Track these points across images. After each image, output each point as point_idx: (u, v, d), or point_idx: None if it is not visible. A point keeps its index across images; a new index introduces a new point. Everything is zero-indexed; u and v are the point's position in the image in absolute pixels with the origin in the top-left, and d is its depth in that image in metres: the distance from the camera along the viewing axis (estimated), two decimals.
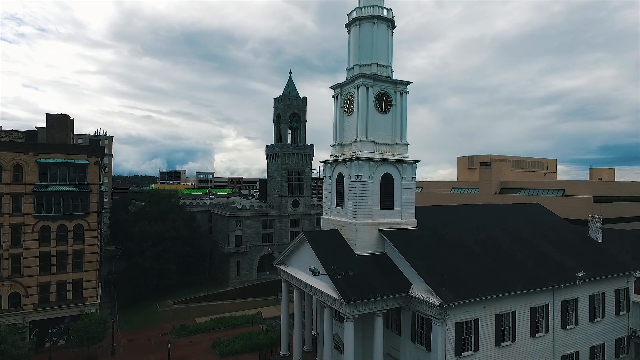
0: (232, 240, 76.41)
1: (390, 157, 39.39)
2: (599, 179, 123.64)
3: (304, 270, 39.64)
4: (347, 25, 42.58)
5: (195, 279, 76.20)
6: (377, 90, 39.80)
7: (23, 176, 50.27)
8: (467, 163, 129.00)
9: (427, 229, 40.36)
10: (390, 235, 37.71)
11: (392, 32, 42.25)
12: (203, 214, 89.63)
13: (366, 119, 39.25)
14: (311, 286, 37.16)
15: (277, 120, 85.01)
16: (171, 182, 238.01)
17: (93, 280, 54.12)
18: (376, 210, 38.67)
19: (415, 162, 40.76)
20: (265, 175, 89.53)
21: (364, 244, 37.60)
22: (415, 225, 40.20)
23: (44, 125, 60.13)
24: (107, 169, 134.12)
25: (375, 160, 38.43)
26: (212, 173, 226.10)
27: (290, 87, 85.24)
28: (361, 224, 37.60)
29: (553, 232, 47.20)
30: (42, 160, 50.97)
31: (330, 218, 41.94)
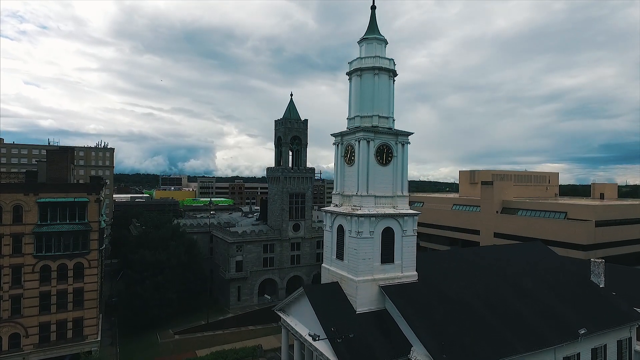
0: (233, 266, 76.31)
1: (392, 212, 39.12)
2: (602, 195, 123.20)
3: (304, 323, 39.56)
4: (349, 74, 42.22)
5: (196, 303, 76.13)
6: (378, 143, 39.51)
7: (23, 216, 50.11)
8: (468, 177, 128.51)
9: (427, 281, 40.15)
10: (390, 291, 37.52)
11: (394, 81, 41.89)
12: (204, 234, 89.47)
13: (367, 173, 39.00)
14: (310, 343, 37.00)
15: (278, 142, 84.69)
16: (172, 188, 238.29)
17: (93, 317, 54.05)
18: (377, 265, 38.49)
19: (416, 214, 40.48)
20: (265, 174, 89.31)
21: (364, 300, 37.44)
22: (415, 278, 40.02)
23: (44, 123, 60.64)
24: (108, 181, 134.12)
25: (376, 216, 38.18)
26: (214, 179, 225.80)
27: (291, 109, 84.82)
28: (361, 280, 37.42)
29: (554, 276, 46.92)
30: (42, 200, 50.82)
31: (331, 269, 41.74)
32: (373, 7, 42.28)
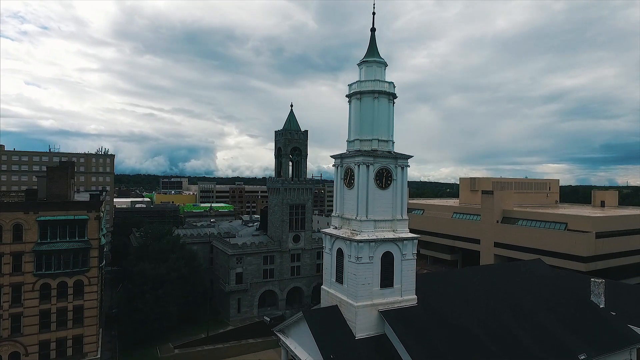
0: (233, 278, 76.34)
1: (391, 236, 39.07)
2: (602, 202, 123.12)
3: (303, 346, 39.57)
4: (348, 96, 42.18)
5: (196, 316, 76.16)
6: (377, 167, 39.47)
7: (23, 235, 50.16)
8: (469, 184, 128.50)
9: (427, 305, 40.11)
10: (390, 317, 37.50)
11: (394, 103, 41.85)
12: (204, 245, 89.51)
13: (366, 197, 38.96)
14: None
15: (278, 153, 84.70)
16: (173, 191, 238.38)
17: (93, 334, 54.13)
18: (376, 290, 38.45)
19: (415, 238, 40.43)
20: (267, 174, 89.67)
21: (363, 326, 37.39)
22: (415, 302, 39.98)
23: (45, 123, 60.66)
24: (108, 187, 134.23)
25: (376, 241, 38.14)
26: (214, 183, 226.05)
27: (291, 120, 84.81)
28: (361, 306, 37.39)
29: (554, 297, 46.83)
30: (43, 218, 50.87)
31: (330, 291, 41.70)
32: (372, 30, 42.25)
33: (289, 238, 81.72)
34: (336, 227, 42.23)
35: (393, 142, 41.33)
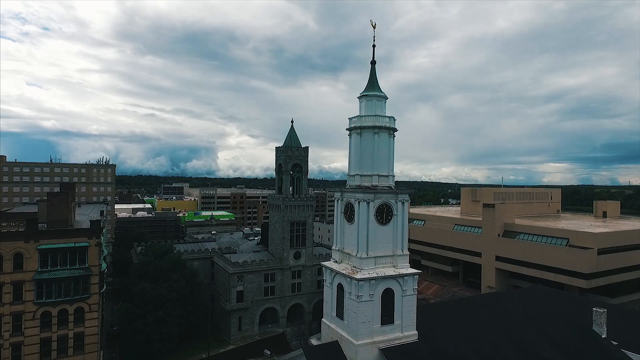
0: (234, 297, 76.25)
1: (392, 273, 38.94)
2: (604, 212, 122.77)
3: None
4: (349, 130, 42.04)
5: (197, 334, 76.10)
6: (378, 203, 39.33)
7: (24, 264, 50.17)
8: (470, 195, 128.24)
9: (427, 340, 39.98)
10: (391, 354, 37.40)
11: (394, 137, 41.69)
12: (205, 260, 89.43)
13: (367, 233, 38.85)
14: None
15: (279, 170, 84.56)
16: (174, 197, 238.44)
17: None
18: (377, 327, 38.36)
19: (416, 273, 40.31)
20: (268, 174, 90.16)
21: None
22: (416, 337, 39.86)
23: (47, 124, 60.88)
24: (109, 197, 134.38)
25: (377, 279, 38.02)
26: (216, 186, 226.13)
27: (292, 137, 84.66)
28: (361, 344, 37.29)
29: (556, 328, 46.58)
30: (43, 247, 50.85)
31: (331, 326, 41.61)
32: (372, 63, 42.08)
33: (290, 255, 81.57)
34: (336, 261, 42.13)
35: (394, 177, 41.19)
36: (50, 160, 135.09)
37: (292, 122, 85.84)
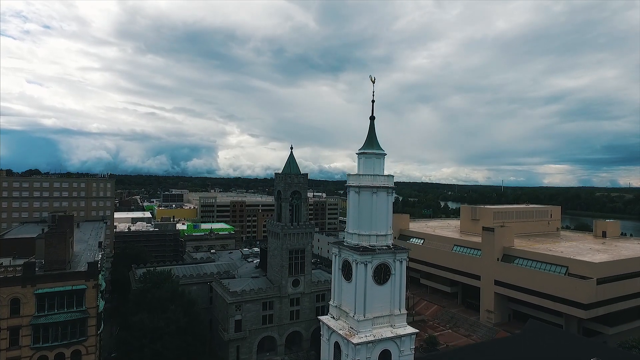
0: (232, 326, 76.18)
1: (389, 335, 38.79)
2: (604, 232, 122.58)
3: None
4: (347, 187, 41.82)
5: None
6: (376, 264, 39.16)
7: (21, 309, 50.05)
8: (469, 213, 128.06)
9: None
10: None
11: (393, 194, 41.49)
12: (203, 285, 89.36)
13: (364, 294, 38.68)
14: None
15: (278, 196, 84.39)
16: (174, 205, 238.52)
17: None
18: None
19: (414, 333, 40.15)
20: (268, 174, 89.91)
21: None
22: None
23: (48, 122, 61.17)
24: (109, 212, 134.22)
25: (374, 342, 37.87)
26: (215, 198, 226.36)
27: (291, 163, 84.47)
28: None
29: None
30: (40, 291, 50.72)
31: None
32: (372, 118, 41.87)
33: (288, 283, 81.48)
34: (334, 317, 41.97)
35: (391, 234, 40.99)
36: (49, 174, 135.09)
37: (291, 148, 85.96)
